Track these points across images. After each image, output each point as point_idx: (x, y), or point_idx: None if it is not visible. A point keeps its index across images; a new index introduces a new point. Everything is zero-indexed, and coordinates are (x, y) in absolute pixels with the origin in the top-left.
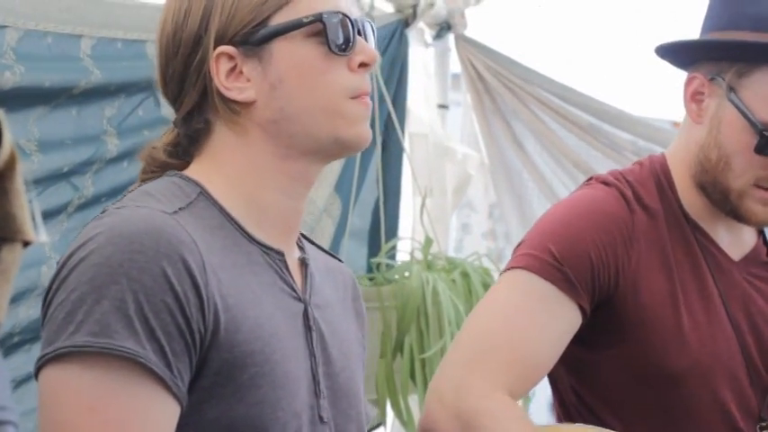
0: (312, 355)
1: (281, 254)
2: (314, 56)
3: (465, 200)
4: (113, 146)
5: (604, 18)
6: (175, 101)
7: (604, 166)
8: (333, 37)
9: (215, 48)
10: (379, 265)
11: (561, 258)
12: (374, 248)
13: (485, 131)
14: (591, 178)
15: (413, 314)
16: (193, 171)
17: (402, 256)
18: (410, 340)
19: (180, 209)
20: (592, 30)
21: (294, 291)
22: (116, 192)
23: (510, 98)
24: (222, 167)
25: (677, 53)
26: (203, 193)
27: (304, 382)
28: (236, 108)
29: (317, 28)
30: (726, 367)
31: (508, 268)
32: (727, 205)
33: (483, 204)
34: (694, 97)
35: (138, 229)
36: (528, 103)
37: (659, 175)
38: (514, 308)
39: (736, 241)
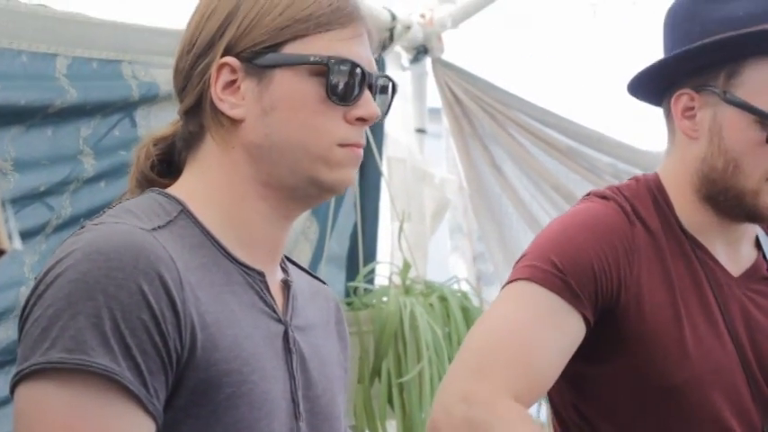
0: (292, 377)
1: (261, 274)
2: (312, 95)
3: (454, 223)
4: (90, 166)
5: (584, 43)
6: (179, 95)
7: (584, 189)
8: (334, 84)
9: (222, 56)
10: (356, 289)
11: (564, 269)
12: (352, 273)
13: (463, 156)
14: (589, 194)
15: (390, 339)
16: (178, 186)
17: (380, 280)
18: (388, 365)
19: (159, 227)
20: (571, 54)
21: (275, 312)
22: (93, 212)
23: (488, 122)
24: (206, 183)
25: (654, 79)
26: (184, 212)
27: (283, 403)
28: (223, 121)
29: (321, 69)
30: (727, 381)
31: (511, 280)
32: (744, 209)
33: (464, 228)
34: (685, 114)
35: (116, 245)
36: (507, 126)
37: (654, 191)
38: (519, 318)
39: (735, 257)
